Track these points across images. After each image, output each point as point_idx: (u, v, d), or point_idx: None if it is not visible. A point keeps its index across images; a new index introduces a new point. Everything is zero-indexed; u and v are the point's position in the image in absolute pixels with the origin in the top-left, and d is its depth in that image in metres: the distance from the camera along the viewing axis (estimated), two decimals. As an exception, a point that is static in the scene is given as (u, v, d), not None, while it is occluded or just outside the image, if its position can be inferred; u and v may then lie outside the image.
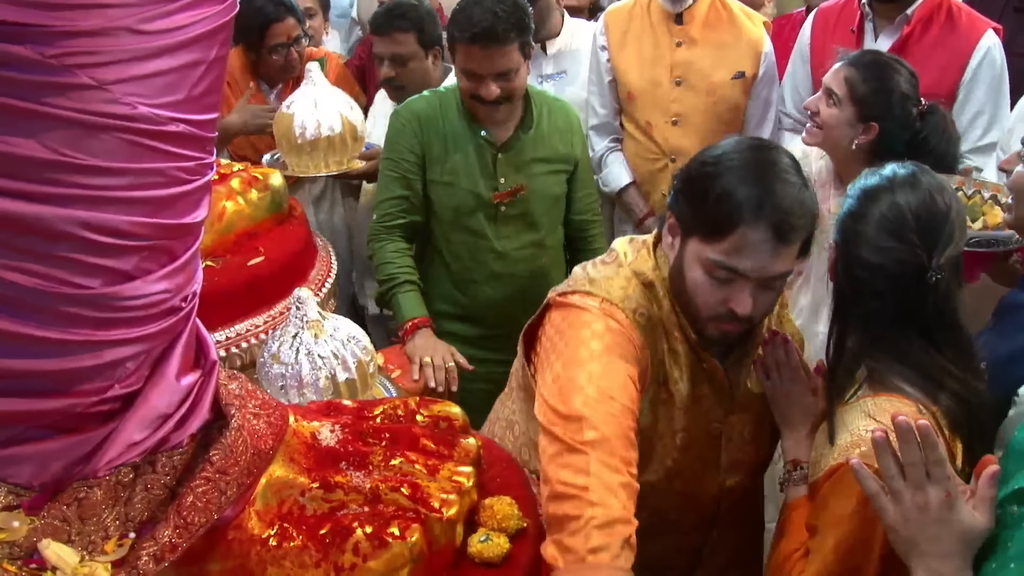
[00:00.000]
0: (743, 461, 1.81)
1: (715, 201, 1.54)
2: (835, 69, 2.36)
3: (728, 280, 1.56)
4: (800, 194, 1.54)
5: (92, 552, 1.13)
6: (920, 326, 1.53)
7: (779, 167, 1.56)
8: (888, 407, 1.47)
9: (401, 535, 1.23)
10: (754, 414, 1.79)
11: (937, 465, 1.24)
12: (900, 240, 1.51)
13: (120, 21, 0.99)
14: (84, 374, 1.11)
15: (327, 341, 1.89)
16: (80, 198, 1.02)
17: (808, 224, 1.56)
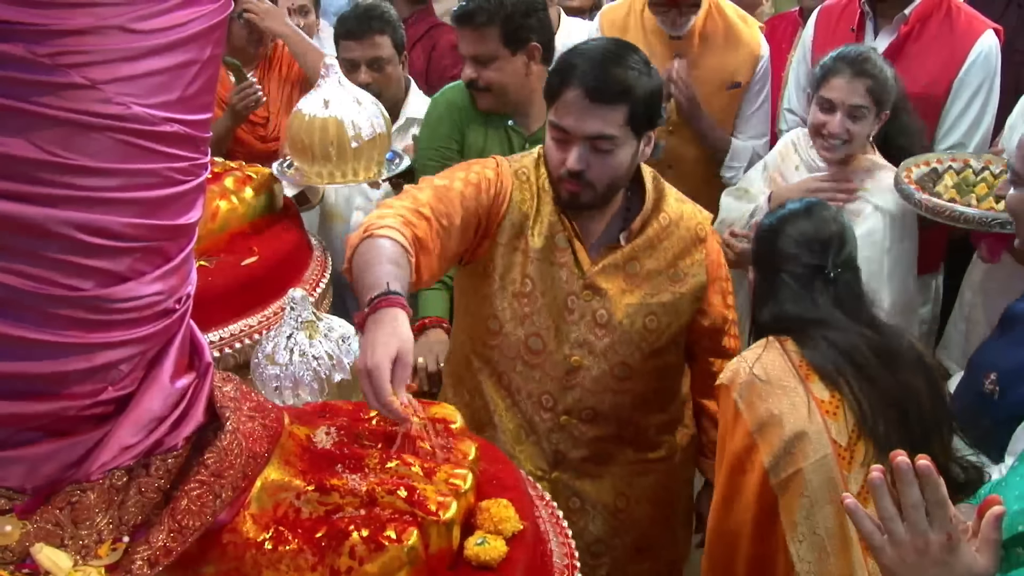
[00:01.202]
0: (592, 345, 2.01)
1: (557, 70, 1.91)
2: (844, 84, 2.42)
3: (562, 140, 1.89)
4: (624, 71, 1.84)
5: (85, 556, 1.12)
6: (828, 305, 1.82)
7: (619, 54, 1.88)
8: (752, 347, 1.84)
9: (398, 538, 1.22)
10: (614, 308, 2.00)
11: (938, 506, 1.18)
12: (806, 250, 1.85)
13: (112, 20, 0.98)
14: (77, 376, 1.09)
15: (322, 342, 1.88)
16: (72, 199, 1.01)
17: (630, 95, 1.84)
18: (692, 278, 2.03)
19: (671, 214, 2.03)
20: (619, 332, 2.00)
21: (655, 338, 2.02)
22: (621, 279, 2.00)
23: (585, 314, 2.00)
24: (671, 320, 2.03)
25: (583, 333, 2.00)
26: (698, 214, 2.08)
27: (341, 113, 2.31)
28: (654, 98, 1.89)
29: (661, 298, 2.01)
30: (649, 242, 2.00)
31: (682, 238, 2.03)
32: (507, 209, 1.98)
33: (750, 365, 1.76)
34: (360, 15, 2.92)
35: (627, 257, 2.00)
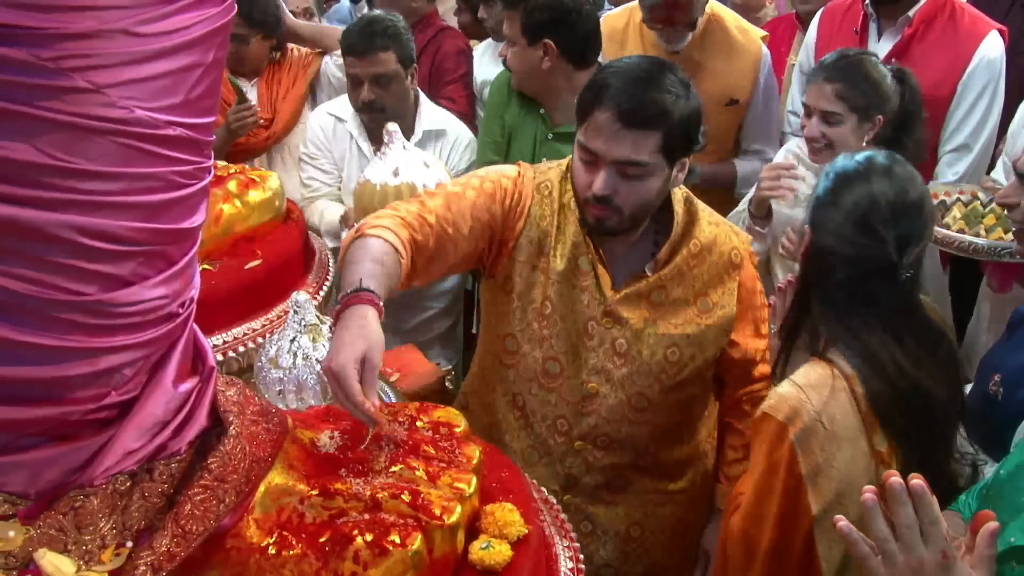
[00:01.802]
0: (610, 373, 1.93)
1: (588, 89, 1.80)
2: (816, 89, 2.39)
3: (590, 162, 1.79)
4: (660, 95, 1.73)
5: (89, 562, 1.12)
6: (883, 316, 1.60)
7: (655, 75, 1.76)
8: (806, 368, 1.62)
9: (402, 543, 1.22)
10: (634, 338, 1.91)
11: (932, 525, 1.17)
12: (870, 235, 1.58)
13: (115, 23, 0.98)
14: (80, 381, 1.09)
15: (325, 345, 1.87)
16: (75, 203, 1.01)
17: (665, 120, 1.73)
18: (721, 310, 1.92)
19: (702, 240, 1.91)
20: (638, 363, 1.91)
21: (676, 371, 1.93)
22: (645, 308, 1.90)
23: (604, 341, 1.92)
24: (695, 353, 1.92)
25: (601, 360, 1.93)
26: (733, 237, 1.96)
27: (412, 179, 2.31)
28: (692, 123, 1.78)
29: (686, 330, 1.91)
30: (677, 270, 1.90)
31: (714, 265, 1.92)
32: (525, 224, 1.91)
33: (816, 409, 1.55)
34: (363, 30, 2.83)
35: (653, 287, 1.90)
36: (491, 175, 1.95)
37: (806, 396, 1.56)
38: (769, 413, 1.58)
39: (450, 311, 3.17)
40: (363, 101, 2.86)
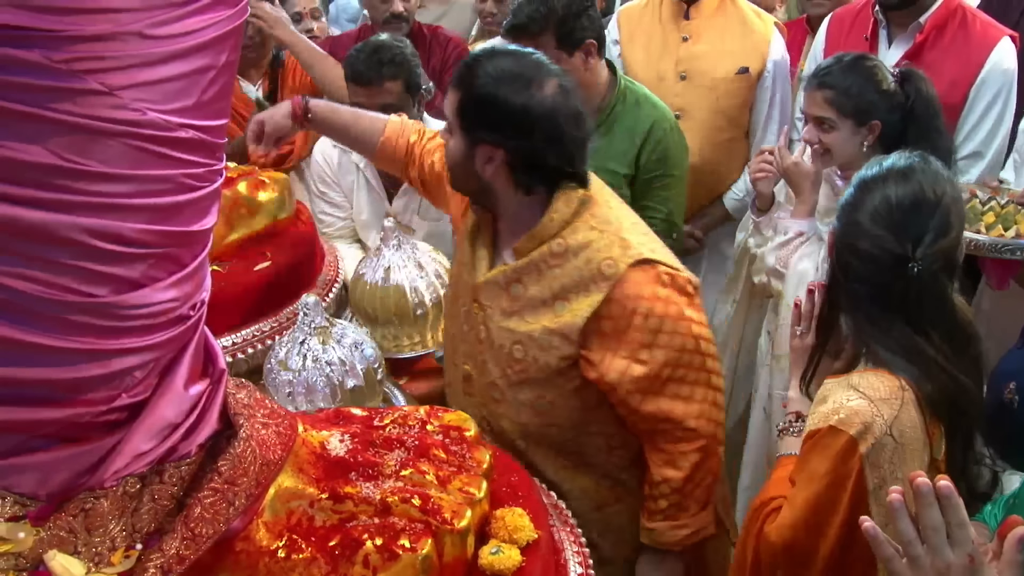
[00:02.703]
0: (475, 357, 1.93)
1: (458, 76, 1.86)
2: (808, 96, 2.37)
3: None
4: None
5: (98, 564, 1.12)
6: (905, 313, 1.59)
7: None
8: (873, 380, 1.57)
9: (412, 547, 1.22)
10: (489, 326, 1.88)
11: (959, 528, 1.15)
12: (887, 230, 1.58)
13: (129, 26, 0.98)
14: (91, 383, 1.09)
15: (335, 347, 1.88)
16: (87, 205, 1.00)
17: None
18: (569, 315, 1.79)
19: (571, 241, 1.80)
20: (491, 352, 1.88)
21: (520, 368, 1.85)
22: (505, 300, 1.86)
23: (474, 326, 1.91)
24: (537, 355, 1.82)
25: (471, 344, 1.93)
26: (616, 249, 1.78)
27: (403, 281, 2.27)
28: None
29: (532, 329, 1.82)
30: (534, 266, 1.82)
31: (577, 269, 1.79)
32: (468, 208, 1.97)
33: (887, 423, 1.53)
34: (369, 58, 2.73)
35: (510, 278, 1.84)
36: None
37: (878, 410, 1.54)
38: (839, 427, 1.54)
39: None
40: None
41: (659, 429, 1.84)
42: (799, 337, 1.84)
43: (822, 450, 1.57)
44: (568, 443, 1.92)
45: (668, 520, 1.88)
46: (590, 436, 1.92)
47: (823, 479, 1.55)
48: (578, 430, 1.91)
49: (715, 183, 3.14)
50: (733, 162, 3.14)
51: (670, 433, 1.84)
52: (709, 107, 3.02)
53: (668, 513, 1.88)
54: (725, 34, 3.03)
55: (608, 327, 1.78)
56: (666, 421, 1.82)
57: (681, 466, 1.84)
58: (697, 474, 1.86)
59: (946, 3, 2.73)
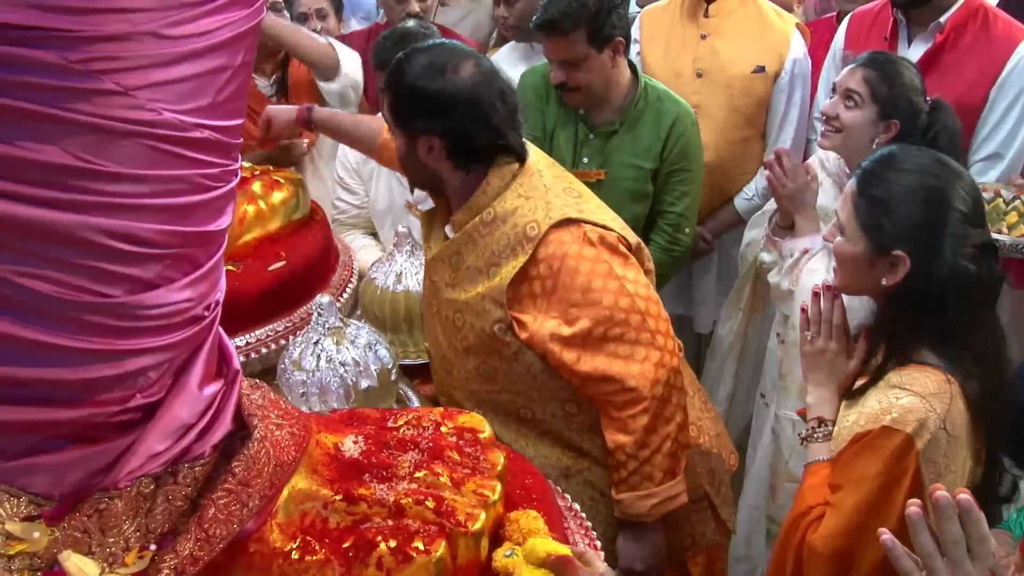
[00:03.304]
0: (432, 331, 2.04)
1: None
2: (849, 71, 2.37)
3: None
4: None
5: (113, 564, 1.11)
6: (947, 307, 1.61)
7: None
8: (918, 376, 1.58)
9: (425, 549, 1.21)
10: (438, 298, 1.97)
11: (980, 542, 1.14)
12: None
13: (145, 26, 0.97)
14: (105, 383, 1.09)
15: (348, 348, 1.88)
16: (103, 205, 1.00)
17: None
18: (497, 279, 1.84)
19: (499, 209, 1.85)
20: (441, 325, 1.98)
21: (462, 336, 1.91)
22: (447, 273, 1.94)
23: (430, 303, 2.03)
24: (473, 322, 1.88)
25: (430, 322, 2.05)
26: (539, 213, 1.83)
27: (413, 287, 2.30)
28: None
29: (467, 296, 1.89)
30: (468, 236, 1.88)
31: (504, 235, 1.84)
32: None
33: (940, 417, 1.55)
34: (396, 45, 2.70)
35: (451, 251, 1.92)
36: None
37: (931, 406, 1.55)
38: (893, 427, 1.54)
39: None
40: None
41: (602, 392, 1.85)
42: (810, 343, 1.82)
43: (873, 451, 1.56)
44: (522, 409, 1.96)
45: (633, 490, 1.87)
46: (544, 403, 1.95)
47: (875, 481, 1.54)
48: (528, 396, 1.95)
49: (728, 183, 3.13)
50: (748, 162, 3.13)
51: (615, 396, 1.84)
52: (725, 105, 3.01)
53: (631, 483, 1.87)
54: (744, 32, 3.02)
55: (537, 288, 1.83)
56: (605, 381, 1.82)
57: (632, 430, 1.83)
58: (650, 438, 1.84)
59: (967, 3, 2.71)
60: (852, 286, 1.76)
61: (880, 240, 1.64)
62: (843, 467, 1.61)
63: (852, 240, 1.68)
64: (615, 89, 2.68)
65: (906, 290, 1.62)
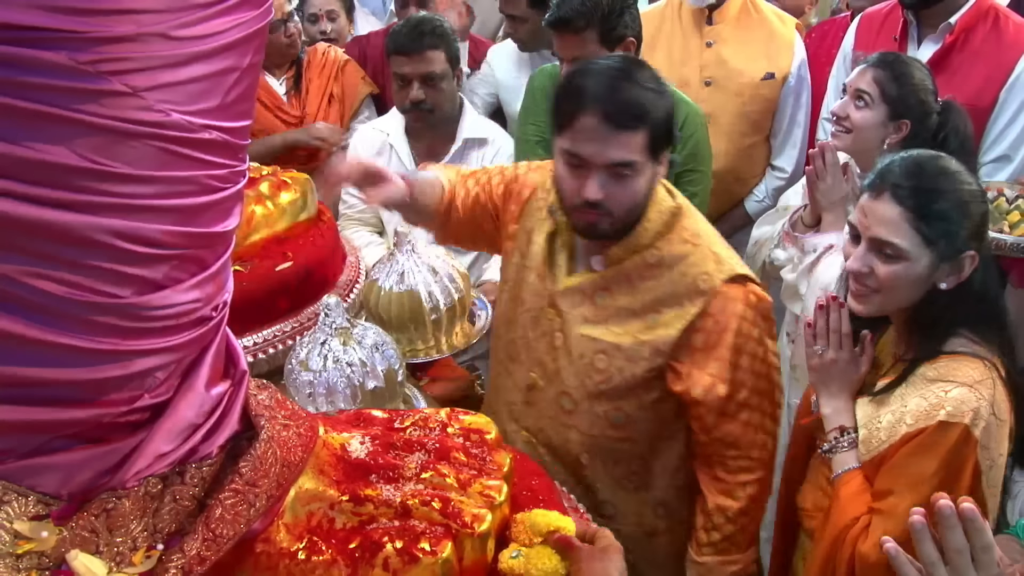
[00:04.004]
0: (546, 366, 1.89)
1: (565, 95, 1.74)
2: (860, 71, 2.37)
3: (578, 167, 1.73)
4: (640, 93, 1.70)
5: (120, 564, 1.12)
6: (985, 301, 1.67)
7: (630, 72, 1.72)
8: (956, 366, 1.59)
9: (432, 550, 1.21)
10: (568, 334, 1.85)
11: (984, 551, 1.14)
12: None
13: (153, 27, 0.97)
14: (113, 384, 1.09)
15: (355, 349, 1.88)
16: (112, 206, 1.00)
17: (648, 119, 1.70)
18: (663, 330, 1.79)
19: (665, 253, 1.80)
20: (566, 361, 1.86)
21: (602, 379, 1.83)
22: (587, 307, 1.84)
23: (547, 332, 1.89)
24: (623, 366, 1.82)
25: (541, 352, 1.90)
26: (710, 264, 1.80)
27: (417, 285, 2.27)
28: (671, 118, 1.75)
29: (620, 340, 1.81)
30: (625, 275, 1.82)
31: (672, 283, 1.79)
32: (522, 213, 1.95)
33: (990, 403, 1.56)
34: (412, 29, 2.84)
35: (597, 286, 1.83)
36: (521, 164, 2.04)
37: (980, 394, 1.56)
38: (950, 421, 1.55)
39: None
40: (412, 100, 2.85)
41: (722, 455, 1.83)
42: (819, 356, 1.80)
43: (928, 449, 1.56)
44: (635, 459, 1.90)
45: (719, 555, 1.86)
46: (662, 453, 1.90)
47: (933, 479, 1.54)
48: (651, 445, 1.90)
49: (738, 187, 3.14)
50: (755, 166, 3.13)
51: (732, 461, 1.83)
52: (735, 112, 3.02)
53: (720, 547, 1.85)
54: (750, 39, 3.02)
55: (699, 341, 1.79)
56: (731, 446, 1.82)
57: (738, 496, 1.83)
58: (752, 507, 1.84)
59: (978, 4, 2.70)
60: (897, 303, 1.72)
61: (952, 248, 1.64)
62: (893, 470, 1.60)
63: (914, 260, 1.64)
64: None
65: (960, 284, 1.64)
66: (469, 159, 2.95)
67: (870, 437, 1.67)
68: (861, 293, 1.72)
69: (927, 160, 1.69)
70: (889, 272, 1.65)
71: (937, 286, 1.65)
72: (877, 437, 1.65)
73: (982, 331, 1.65)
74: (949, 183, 1.64)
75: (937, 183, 1.64)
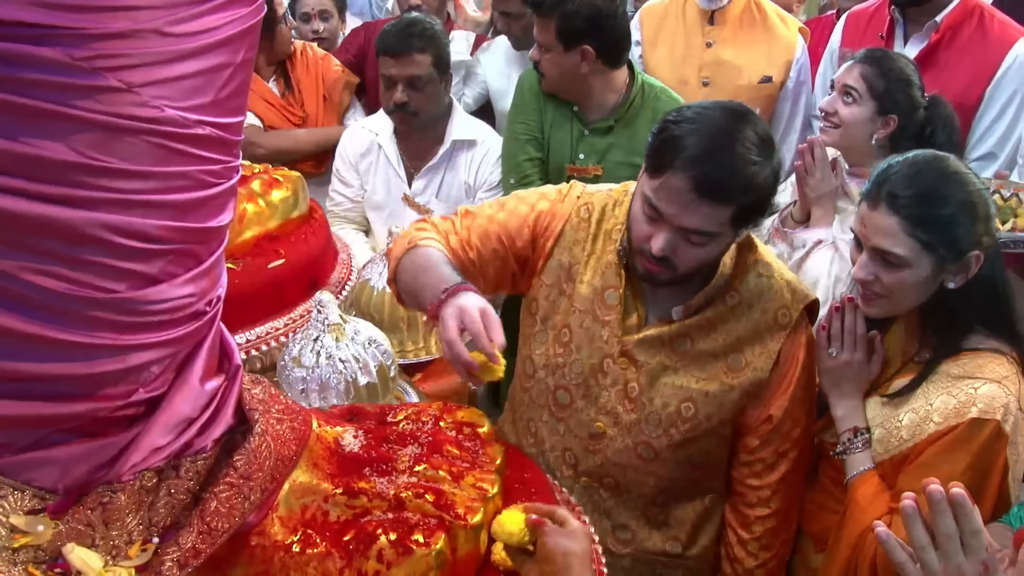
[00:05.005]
0: (619, 416, 1.79)
1: (662, 143, 1.61)
2: (847, 67, 2.39)
3: (654, 218, 1.63)
4: (743, 166, 1.55)
5: (116, 557, 1.13)
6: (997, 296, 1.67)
7: (736, 136, 1.57)
8: (981, 362, 1.59)
9: (425, 542, 1.23)
10: (648, 384, 1.76)
11: (973, 535, 1.15)
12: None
13: (148, 23, 0.98)
14: (109, 378, 1.10)
15: (348, 345, 1.88)
16: (107, 201, 1.01)
17: (744, 195, 1.57)
18: (752, 371, 1.73)
19: (744, 293, 1.74)
20: (648, 411, 1.76)
21: (689, 427, 1.76)
22: (665, 355, 1.75)
23: (618, 381, 1.78)
24: (711, 412, 1.75)
25: (612, 401, 1.79)
26: (786, 295, 1.74)
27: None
28: (769, 189, 1.61)
29: (707, 386, 1.74)
30: (708, 322, 1.74)
31: (754, 322, 1.73)
32: (555, 247, 1.82)
33: (1017, 398, 1.56)
34: (400, 31, 2.83)
35: (676, 334, 1.74)
36: (530, 197, 1.89)
37: (1008, 389, 1.56)
38: (982, 418, 1.53)
39: None
40: (395, 102, 2.84)
41: (746, 484, 1.83)
42: (833, 359, 1.79)
43: (961, 446, 1.55)
44: (711, 492, 1.89)
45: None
46: (721, 482, 1.90)
47: (963, 476, 1.51)
48: (719, 478, 1.89)
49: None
50: None
51: (750, 492, 1.83)
52: None
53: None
54: (750, 41, 3.02)
55: (775, 376, 1.75)
56: (757, 476, 1.82)
57: (755, 531, 1.82)
58: (774, 542, 1.84)
59: (963, 2, 2.72)
60: (906, 306, 1.72)
61: (955, 250, 1.62)
62: (920, 469, 1.57)
63: (916, 267, 1.63)
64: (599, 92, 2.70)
65: (970, 281, 1.63)
66: (457, 160, 2.95)
67: (888, 436, 1.66)
68: (869, 298, 1.72)
69: (924, 165, 1.66)
70: (893, 279, 1.65)
71: (945, 285, 1.64)
72: (897, 436, 1.64)
73: (993, 325, 1.65)
74: (948, 187, 1.62)
75: (935, 189, 1.62)
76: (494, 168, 2.96)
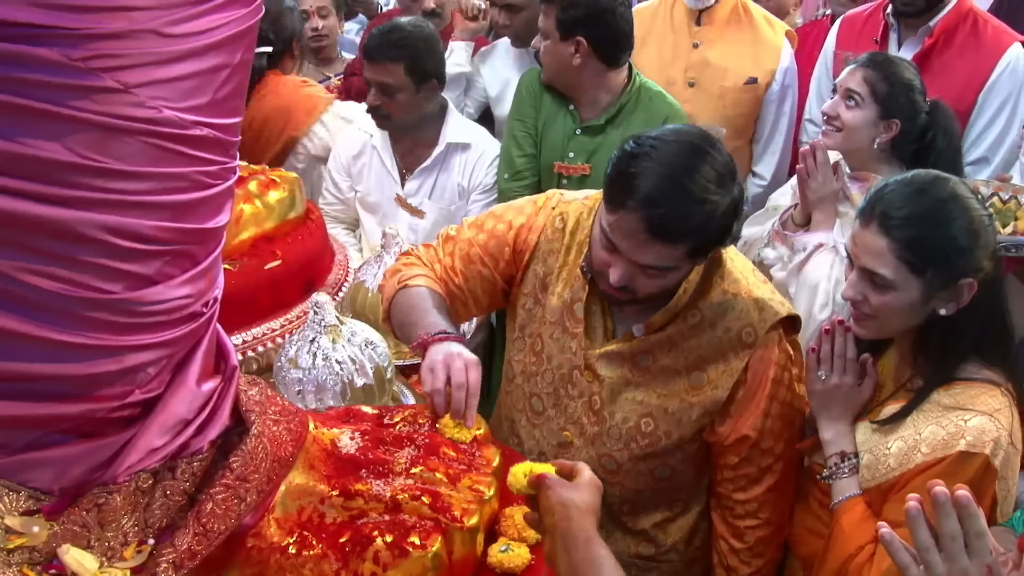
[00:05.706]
0: (584, 427, 1.81)
1: (618, 176, 1.59)
2: (850, 71, 2.38)
3: (611, 249, 1.63)
4: (696, 206, 1.53)
5: (111, 558, 1.13)
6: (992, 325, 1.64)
7: (692, 174, 1.54)
8: (975, 393, 1.56)
9: (422, 544, 1.23)
10: (609, 398, 1.78)
11: (978, 537, 1.15)
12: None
13: (145, 24, 0.98)
14: (105, 379, 1.10)
15: (344, 346, 1.88)
16: (103, 202, 1.01)
17: (699, 233, 1.56)
18: (712, 390, 1.73)
19: (707, 312, 1.73)
20: (608, 424, 1.79)
21: (648, 443, 1.77)
22: (627, 369, 1.76)
23: (584, 393, 1.80)
24: (670, 429, 1.76)
25: (579, 412, 1.81)
26: (752, 314, 1.73)
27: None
28: (728, 219, 1.58)
29: (667, 403, 1.75)
30: (669, 340, 1.74)
31: (717, 340, 1.72)
32: (531, 258, 1.85)
33: (1008, 432, 1.53)
34: (378, 37, 2.84)
35: (638, 350, 1.75)
36: (507, 214, 1.91)
37: (999, 423, 1.53)
38: (971, 451, 1.51)
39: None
40: (369, 105, 2.87)
41: (731, 498, 1.84)
42: (823, 381, 1.76)
43: (946, 479, 1.43)
44: (677, 502, 1.91)
45: None
46: (699, 489, 1.91)
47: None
48: (692, 484, 1.90)
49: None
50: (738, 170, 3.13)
51: (736, 505, 1.84)
52: (716, 114, 3.02)
53: None
54: (736, 43, 3.03)
55: (741, 393, 1.74)
56: (742, 491, 1.82)
57: (747, 540, 1.83)
58: (767, 549, 1.85)
59: (957, 7, 2.74)
60: (895, 328, 1.70)
61: (945, 276, 1.58)
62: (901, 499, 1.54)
63: (903, 289, 1.60)
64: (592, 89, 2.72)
65: (968, 309, 1.59)
66: (451, 162, 2.95)
67: (875, 463, 1.64)
68: (860, 318, 1.70)
69: (922, 186, 1.63)
70: (880, 301, 1.63)
71: (937, 312, 1.61)
72: (884, 464, 1.61)
73: (990, 355, 1.62)
74: (944, 211, 1.58)
75: (929, 211, 1.59)
76: (488, 171, 2.96)
